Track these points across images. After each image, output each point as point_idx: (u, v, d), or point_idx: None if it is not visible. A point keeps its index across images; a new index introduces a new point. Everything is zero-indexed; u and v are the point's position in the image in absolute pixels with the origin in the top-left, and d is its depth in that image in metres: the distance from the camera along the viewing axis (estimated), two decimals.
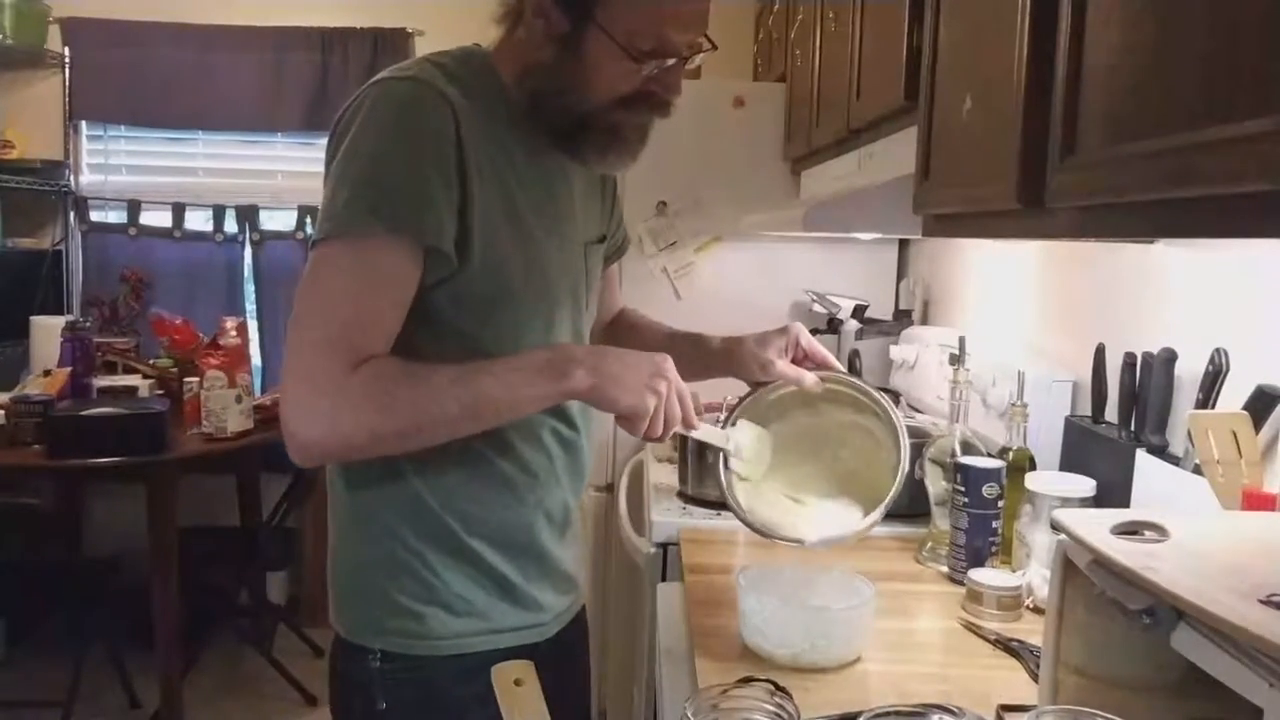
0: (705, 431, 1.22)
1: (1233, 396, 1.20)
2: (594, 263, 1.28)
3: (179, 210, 3.79)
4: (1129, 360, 1.38)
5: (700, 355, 1.33)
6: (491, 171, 1.10)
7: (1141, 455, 1.32)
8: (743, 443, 1.25)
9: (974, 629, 1.29)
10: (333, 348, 1.01)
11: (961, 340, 1.71)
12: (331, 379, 1.00)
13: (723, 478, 1.27)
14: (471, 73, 1.12)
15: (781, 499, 1.26)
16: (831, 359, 1.29)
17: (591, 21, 1.06)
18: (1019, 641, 1.23)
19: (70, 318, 3.31)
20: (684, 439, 1.96)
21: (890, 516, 1.25)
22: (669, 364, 1.09)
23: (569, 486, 1.25)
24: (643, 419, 1.07)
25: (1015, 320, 1.93)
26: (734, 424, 1.26)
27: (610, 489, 2.66)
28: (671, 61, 1.09)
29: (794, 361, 1.27)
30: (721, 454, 1.26)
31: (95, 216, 3.82)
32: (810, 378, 1.25)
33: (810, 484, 1.28)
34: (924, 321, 2.46)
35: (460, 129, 1.06)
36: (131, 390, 3.06)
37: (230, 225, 3.79)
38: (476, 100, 1.10)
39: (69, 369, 3.04)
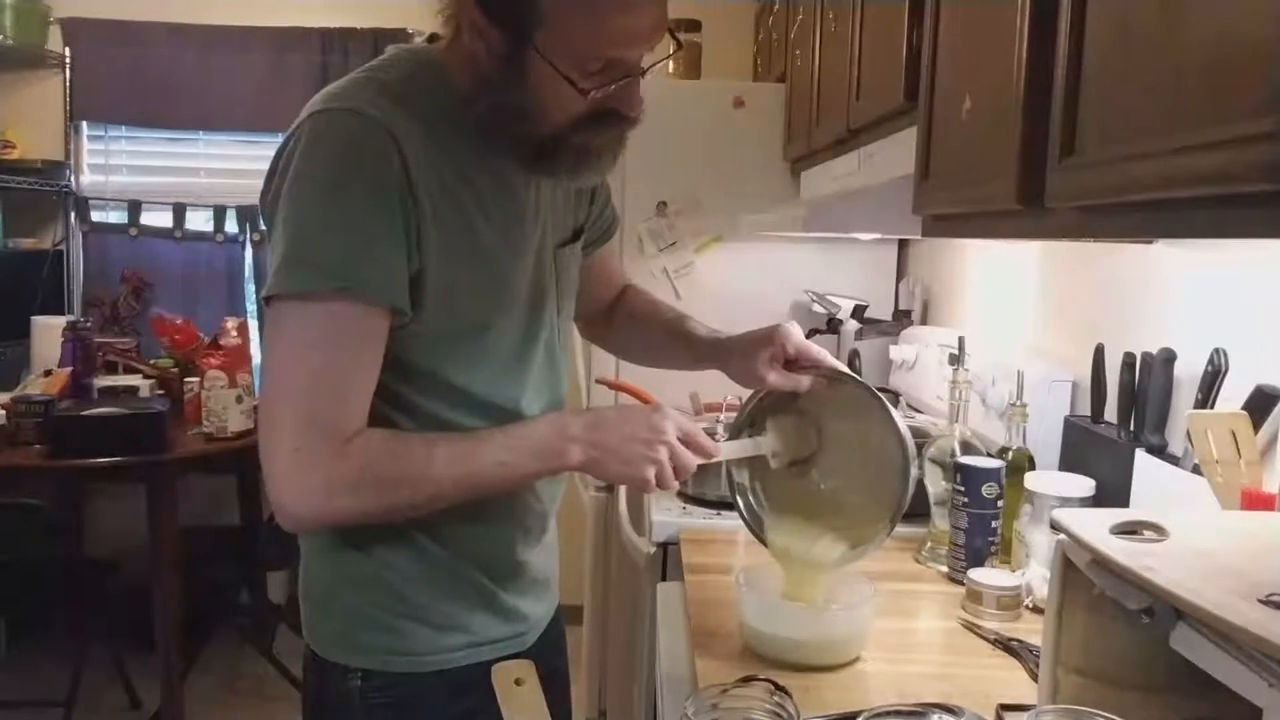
0: (733, 448, 1.21)
1: (1232, 396, 1.20)
2: (566, 265, 1.23)
3: (180, 210, 3.79)
4: (1128, 360, 1.38)
5: (693, 357, 1.32)
6: (449, 203, 1.04)
7: (1141, 455, 1.32)
8: (778, 445, 1.23)
9: (974, 629, 1.29)
10: (316, 423, 0.98)
11: (961, 340, 1.71)
12: (321, 458, 0.98)
13: (744, 515, 1.27)
14: (421, 87, 1.05)
15: (803, 528, 1.23)
16: (826, 357, 1.23)
17: (531, 46, 0.98)
18: (1019, 641, 1.23)
19: (71, 318, 3.31)
20: None
21: None
22: (668, 421, 1.07)
23: (546, 498, 1.21)
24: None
25: (1015, 320, 1.93)
26: (761, 431, 1.23)
27: (610, 489, 2.66)
28: (627, 79, 1.02)
29: (788, 363, 1.22)
30: (737, 495, 1.27)
31: (96, 217, 3.82)
32: (805, 382, 1.21)
33: (827, 501, 1.24)
34: (924, 321, 2.46)
35: (408, 165, 0.99)
36: (132, 390, 3.06)
37: (231, 225, 3.79)
38: (427, 122, 1.03)
39: (70, 369, 3.04)
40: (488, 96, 1.03)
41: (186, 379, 3.06)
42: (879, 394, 1.18)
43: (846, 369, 1.21)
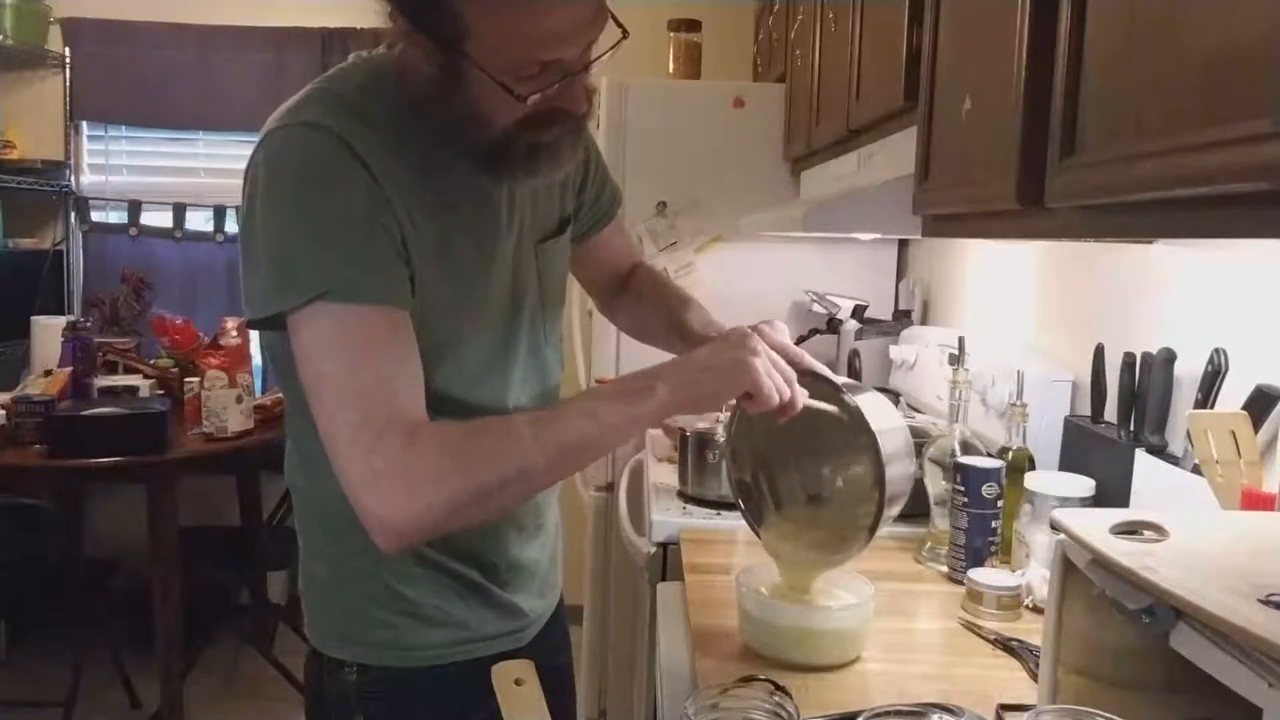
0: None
1: (1232, 396, 1.20)
2: (550, 260, 1.21)
3: (180, 210, 3.80)
4: (1128, 360, 1.38)
5: (686, 350, 1.31)
6: (421, 213, 1.03)
7: (1141, 455, 1.32)
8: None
9: (974, 629, 1.30)
10: (377, 413, 0.94)
11: (961, 340, 1.71)
12: (396, 450, 0.93)
13: (744, 511, 1.26)
14: (375, 96, 1.03)
15: (797, 529, 1.23)
16: (803, 357, 1.16)
17: (464, 56, 0.95)
18: (1019, 641, 1.23)
19: (71, 318, 3.31)
20: (684, 440, 1.97)
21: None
22: (748, 330, 1.03)
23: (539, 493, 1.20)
24: (760, 382, 0.98)
25: (1015, 320, 1.93)
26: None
27: (610, 489, 2.66)
28: (567, 78, 0.98)
29: None
30: (739, 493, 1.25)
31: (96, 217, 3.83)
32: None
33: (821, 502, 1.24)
34: (923, 321, 2.46)
35: (374, 174, 0.98)
36: (132, 390, 3.07)
37: (231, 225, 3.79)
38: (385, 132, 1.01)
39: (70, 369, 3.04)
40: (433, 103, 1.01)
41: (186, 379, 3.06)
42: (852, 398, 1.13)
43: (823, 369, 1.16)
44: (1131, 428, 1.38)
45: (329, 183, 0.97)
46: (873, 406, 1.14)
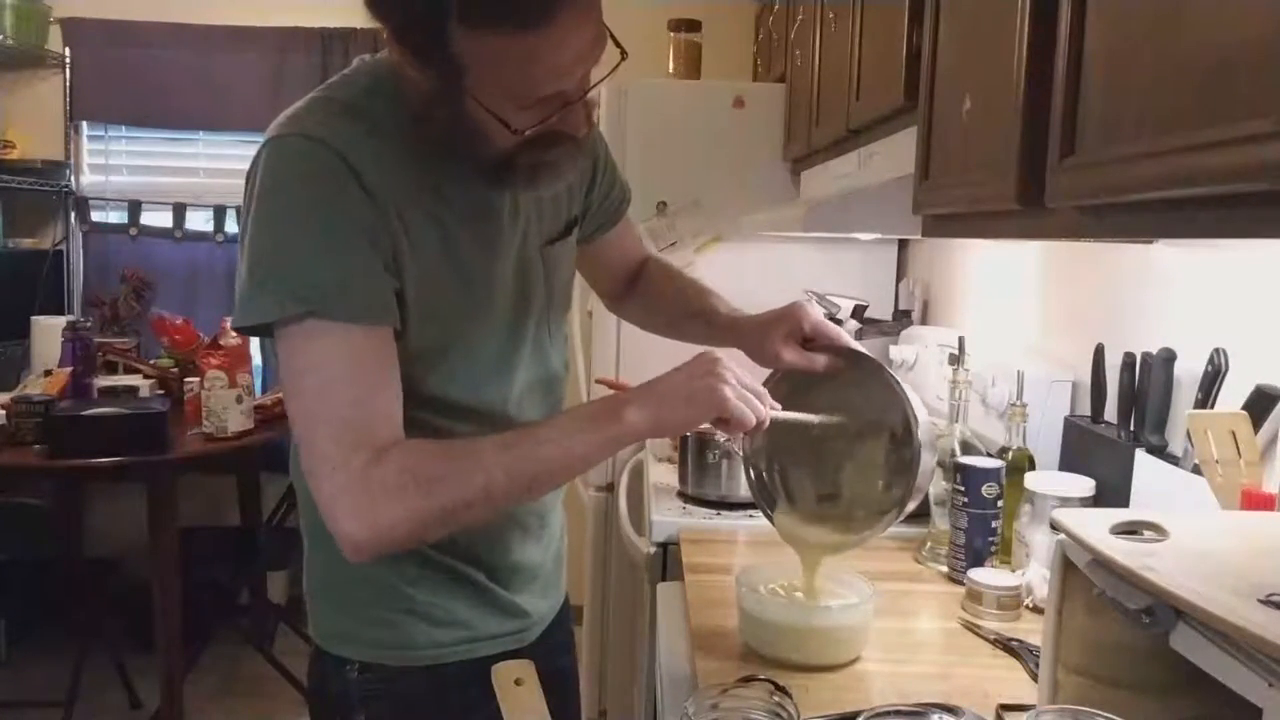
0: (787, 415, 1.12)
1: (1232, 396, 1.20)
2: (557, 261, 1.21)
3: (180, 211, 3.80)
4: (1128, 360, 1.38)
5: (711, 335, 1.31)
6: (423, 217, 1.03)
7: (1141, 455, 1.32)
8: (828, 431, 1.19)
9: (974, 629, 1.30)
10: (345, 438, 0.95)
11: (961, 340, 1.71)
12: (358, 469, 0.95)
13: (755, 492, 1.25)
14: (380, 101, 1.02)
15: (815, 512, 1.23)
16: (842, 336, 1.20)
17: (462, 89, 0.95)
18: (1019, 641, 1.23)
19: (71, 318, 3.31)
20: (684, 440, 1.97)
21: None
22: (717, 356, 1.03)
23: (543, 495, 1.20)
24: (730, 408, 0.99)
25: (1015, 320, 1.93)
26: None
27: (610, 489, 2.66)
28: (566, 107, 0.98)
29: (805, 340, 1.19)
30: (751, 472, 1.25)
31: (96, 217, 3.83)
32: (821, 361, 1.18)
33: (841, 482, 1.23)
34: (924, 321, 2.46)
35: (366, 186, 0.98)
36: (132, 390, 3.06)
37: (231, 226, 3.79)
38: (389, 137, 1.01)
39: (70, 369, 3.04)
40: (431, 122, 1.00)
41: (186, 379, 3.06)
42: (895, 376, 1.15)
43: (863, 349, 1.17)
44: (1131, 428, 1.38)
45: (320, 199, 0.97)
46: (910, 391, 1.15)
